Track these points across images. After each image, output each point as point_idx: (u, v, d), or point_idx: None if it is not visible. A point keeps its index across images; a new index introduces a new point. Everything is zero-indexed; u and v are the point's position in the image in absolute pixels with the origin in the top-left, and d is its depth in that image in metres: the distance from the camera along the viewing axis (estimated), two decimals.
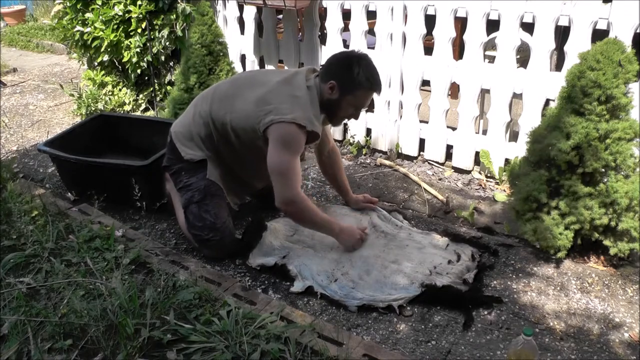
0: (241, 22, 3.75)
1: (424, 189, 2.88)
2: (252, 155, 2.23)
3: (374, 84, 2.13)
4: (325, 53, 3.40)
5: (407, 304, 1.99)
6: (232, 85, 2.27)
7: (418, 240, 2.33)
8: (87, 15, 3.82)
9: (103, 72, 4.07)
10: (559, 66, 2.93)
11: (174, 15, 3.66)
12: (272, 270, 2.19)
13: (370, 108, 3.33)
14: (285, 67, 3.64)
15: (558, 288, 2.09)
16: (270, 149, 2.07)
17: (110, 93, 4.02)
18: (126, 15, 3.69)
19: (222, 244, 2.28)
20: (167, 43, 3.73)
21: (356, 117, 2.24)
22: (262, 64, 3.76)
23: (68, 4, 3.89)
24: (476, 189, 2.92)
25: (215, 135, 2.23)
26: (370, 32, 3.26)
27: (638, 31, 2.41)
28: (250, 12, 3.63)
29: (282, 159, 2.06)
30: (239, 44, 3.78)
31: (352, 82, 2.09)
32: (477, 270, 2.15)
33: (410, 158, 3.28)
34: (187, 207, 2.29)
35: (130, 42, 3.74)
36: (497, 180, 2.92)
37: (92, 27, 3.80)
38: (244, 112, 2.13)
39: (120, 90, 4.03)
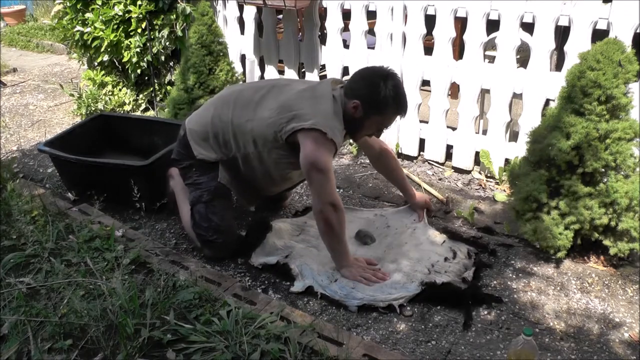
0: (241, 22, 3.75)
1: (424, 189, 2.88)
2: (269, 166, 2.19)
3: (400, 107, 2.07)
4: (325, 53, 3.40)
5: (407, 303, 1.99)
6: (255, 93, 2.21)
7: (417, 237, 2.33)
8: (87, 15, 3.82)
9: (103, 72, 4.07)
10: (559, 66, 2.93)
11: (174, 15, 3.66)
12: (273, 269, 2.19)
13: None
14: (286, 68, 3.65)
15: (558, 288, 2.09)
16: (303, 148, 2.00)
17: (110, 93, 4.02)
18: (126, 15, 3.69)
19: (225, 245, 2.28)
20: (167, 43, 3.73)
21: (378, 136, 2.21)
22: (262, 64, 3.76)
23: (68, 4, 3.89)
24: (476, 189, 2.92)
25: (234, 143, 2.19)
26: (370, 32, 3.26)
27: (638, 31, 2.41)
28: (250, 12, 3.63)
29: (317, 154, 1.98)
30: (239, 44, 3.78)
31: (377, 103, 2.03)
32: (475, 268, 2.15)
33: (410, 158, 3.28)
34: (194, 205, 2.28)
35: (130, 42, 3.74)
36: (497, 180, 2.92)
37: (92, 27, 3.80)
38: (266, 120, 2.08)
39: (120, 90, 4.03)
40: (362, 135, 2.23)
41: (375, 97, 2.02)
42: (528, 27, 2.69)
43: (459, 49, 3.64)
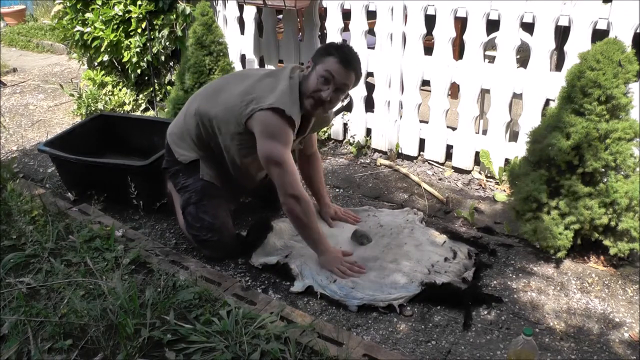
0: (241, 22, 3.75)
1: (424, 189, 2.88)
2: (233, 155, 2.20)
3: (344, 57, 2.03)
4: None
5: (407, 303, 1.99)
6: (220, 82, 2.29)
7: (416, 237, 2.33)
8: (87, 15, 3.82)
9: (103, 72, 4.07)
10: (559, 66, 2.93)
11: (174, 15, 3.66)
12: (274, 269, 2.19)
13: (370, 108, 3.34)
14: None
15: (558, 288, 2.09)
16: (259, 142, 2.03)
17: (110, 93, 4.02)
18: (126, 15, 3.69)
19: (221, 244, 2.28)
20: (167, 43, 3.73)
21: (325, 97, 2.02)
22: (262, 64, 3.76)
23: (68, 4, 3.90)
24: (476, 189, 2.92)
25: (204, 133, 2.22)
26: (370, 32, 3.26)
27: (638, 31, 2.41)
28: (250, 12, 3.63)
29: (272, 147, 2.01)
30: (239, 44, 3.78)
31: (320, 53, 2.10)
32: (475, 269, 2.15)
33: (410, 158, 3.28)
34: (185, 208, 2.29)
35: (130, 42, 3.74)
36: (497, 180, 2.92)
37: (92, 27, 3.80)
38: (227, 104, 2.12)
39: (120, 90, 4.03)
40: (315, 96, 2.05)
41: (321, 49, 2.12)
42: (528, 27, 2.69)
43: (459, 49, 3.64)
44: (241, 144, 2.15)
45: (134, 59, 3.75)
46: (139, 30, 3.70)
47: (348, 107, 2.32)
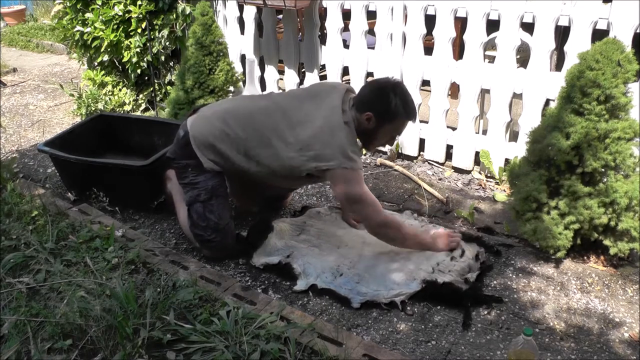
0: (241, 22, 3.75)
1: (424, 189, 2.88)
2: (280, 182, 2.26)
3: (410, 113, 2.16)
4: (325, 53, 3.40)
5: (408, 300, 1.99)
6: (269, 118, 2.18)
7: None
8: (87, 15, 3.82)
9: (103, 72, 4.07)
10: (559, 66, 2.93)
11: (174, 15, 3.66)
12: (275, 269, 2.19)
13: None
14: (286, 68, 3.64)
15: (558, 288, 2.09)
16: (333, 187, 2.12)
17: (110, 93, 4.02)
18: (126, 15, 3.69)
19: (223, 245, 2.28)
20: (167, 43, 3.73)
21: (391, 144, 2.28)
22: (262, 64, 3.76)
23: (68, 4, 3.90)
24: (476, 189, 2.92)
25: (245, 161, 2.20)
26: (370, 32, 3.26)
27: (638, 31, 2.42)
28: (250, 12, 3.63)
29: (349, 189, 2.08)
30: (239, 44, 3.78)
31: (389, 112, 2.11)
32: (480, 272, 2.15)
33: (410, 158, 3.28)
34: (191, 205, 2.26)
35: (130, 42, 3.74)
36: (497, 180, 2.92)
37: (92, 27, 3.80)
38: (284, 153, 2.12)
39: (120, 90, 4.03)
40: (377, 145, 2.33)
41: (387, 107, 2.10)
42: (528, 27, 2.69)
43: (459, 49, 3.64)
44: (294, 180, 2.24)
45: (134, 59, 3.75)
46: (139, 30, 3.70)
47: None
